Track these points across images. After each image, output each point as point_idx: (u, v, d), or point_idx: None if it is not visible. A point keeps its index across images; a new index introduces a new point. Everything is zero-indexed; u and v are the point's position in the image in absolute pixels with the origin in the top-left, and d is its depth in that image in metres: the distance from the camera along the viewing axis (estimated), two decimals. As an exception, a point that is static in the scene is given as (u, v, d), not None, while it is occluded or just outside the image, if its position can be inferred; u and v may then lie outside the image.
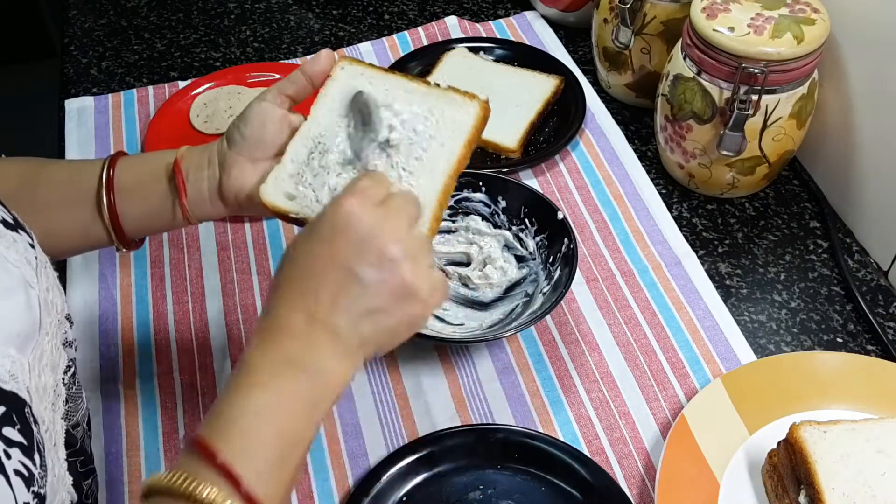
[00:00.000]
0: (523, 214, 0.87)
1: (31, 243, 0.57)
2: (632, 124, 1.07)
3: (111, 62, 1.17)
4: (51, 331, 0.56)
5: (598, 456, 0.75)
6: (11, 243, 0.55)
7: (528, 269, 0.86)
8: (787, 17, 0.85)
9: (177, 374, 0.81)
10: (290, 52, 1.19)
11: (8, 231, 0.55)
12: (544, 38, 1.18)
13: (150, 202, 0.68)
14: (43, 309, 0.55)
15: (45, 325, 0.55)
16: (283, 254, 0.54)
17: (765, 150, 0.91)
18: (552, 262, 0.84)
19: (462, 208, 0.89)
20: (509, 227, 0.88)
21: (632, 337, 0.84)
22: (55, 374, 0.57)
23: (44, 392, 0.54)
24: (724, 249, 0.93)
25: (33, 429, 0.49)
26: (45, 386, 0.54)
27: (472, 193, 0.89)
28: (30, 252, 0.56)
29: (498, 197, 0.88)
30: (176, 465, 0.48)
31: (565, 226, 0.83)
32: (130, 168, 0.68)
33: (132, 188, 0.67)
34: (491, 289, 0.86)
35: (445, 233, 0.89)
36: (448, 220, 0.89)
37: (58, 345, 0.58)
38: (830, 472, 0.65)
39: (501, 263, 0.87)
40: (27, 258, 0.55)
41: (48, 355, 0.55)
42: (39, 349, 0.54)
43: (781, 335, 0.85)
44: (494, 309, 0.85)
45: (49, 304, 0.57)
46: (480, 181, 0.88)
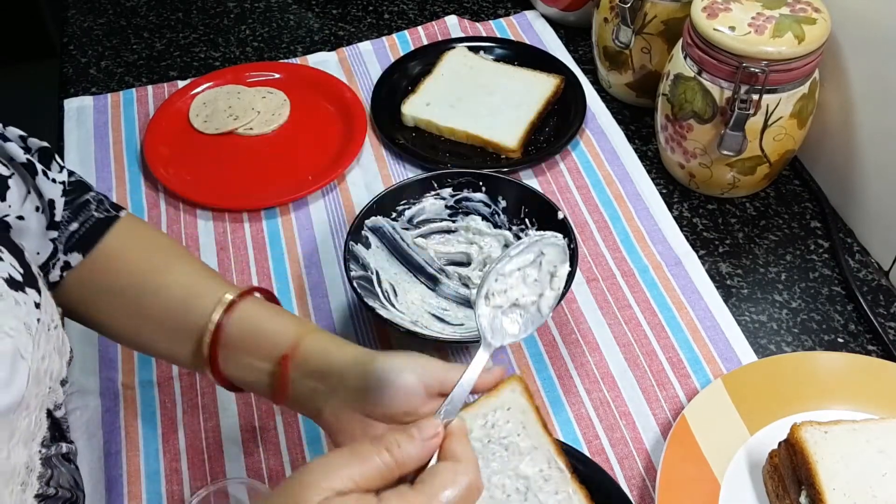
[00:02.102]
0: (523, 214, 0.87)
1: (37, 302, 0.53)
2: (632, 124, 1.07)
3: (110, 62, 1.17)
4: (34, 402, 0.52)
5: (598, 456, 0.75)
6: (12, 307, 0.50)
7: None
8: (787, 16, 0.85)
9: (176, 374, 0.81)
10: (290, 51, 1.18)
11: (12, 291, 0.51)
12: (544, 38, 1.18)
13: (251, 375, 0.63)
14: (32, 382, 0.51)
15: (28, 399, 0.51)
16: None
17: (765, 149, 0.90)
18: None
19: (462, 208, 0.89)
20: (509, 227, 0.88)
21: (632, 337, 0.84)
22: (29, 449, 0.52)
23: (12, 474, 0.49)
24: (725, 249, 0.93)
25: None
26: (15, 466, 0.50)
27: (472, 193, 0.88)
28: (32, 315, 0.52)
29: (498, 197, 0.88)
30: None
31: (566, 226, 0.83)
32: (239, 329, 0.62)
33: (236, 357, 0.63)
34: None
35: (445, 233, 0.89)
36: (448, 219, 0.89)
37: (40, 416, 0.54)
38: (831, 472, 0.65)
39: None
40: (27, 323, 0.51)
41: (23, 431, 0.51)
42: (10, 427, 0.49)
43: (782, 335, 0.84)
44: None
45: (41, 374, 0.53)
46: (480, 181, 0.88)
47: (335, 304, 0.87)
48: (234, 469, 0.75)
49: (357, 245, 0.82)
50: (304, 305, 0.87)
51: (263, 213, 0.96)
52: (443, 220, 0.89)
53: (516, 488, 0.66)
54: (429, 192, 0.87)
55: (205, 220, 0.95)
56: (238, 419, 0.78)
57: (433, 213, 0.88)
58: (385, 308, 0.80)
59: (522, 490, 0.66)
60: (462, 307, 0.85)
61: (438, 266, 0.87)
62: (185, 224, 0.95)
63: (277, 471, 0.74)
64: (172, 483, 0.74)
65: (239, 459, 0.75)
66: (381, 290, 0.83)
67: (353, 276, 0.79)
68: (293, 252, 0.92)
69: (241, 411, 0.78)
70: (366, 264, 0.83)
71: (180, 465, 0.75)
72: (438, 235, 0.89)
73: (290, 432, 0.77)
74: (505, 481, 0.65)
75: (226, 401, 0.79)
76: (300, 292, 0.88)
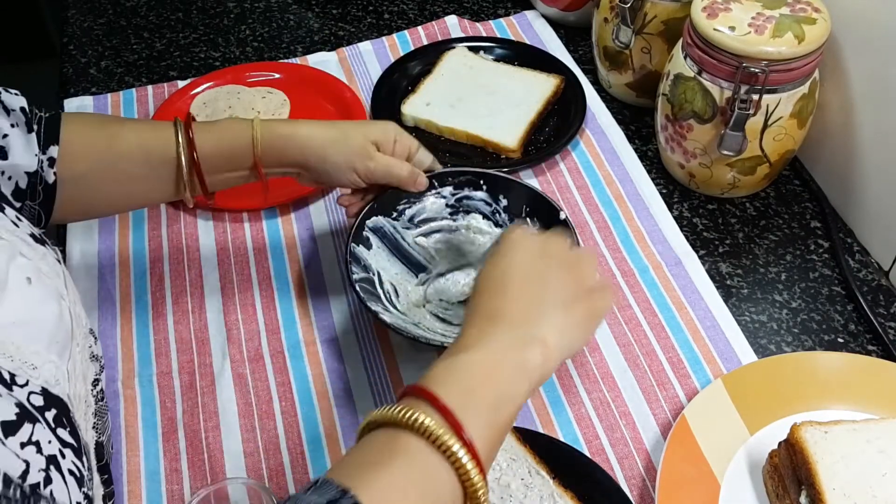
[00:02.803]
0: (525, 213, 0.86)
1: (57, 258, 0.59)
2: (632, 124, 1.07)
3: (110, 62, 1.17)
4: (81, 342, 0.58)
5: (598, 456, 0.75)
6: (43, 256, 0.57)
7: None
8: (787, 16, 0.85)
9: (176, 374, 0.81)
10: (290, 51, 1.18)
11: (40, 245, 0.57)
12: (544, 38, 1.18)
13: (229, 171, 0.77)
14: (74, 320, 0.57)
15: (77, 335, 0.57)
16: (478, 274, 0.62)
17: (765, 149, 0.90)
18: None
19: (463, 207, 0.88)
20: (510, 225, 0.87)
21: (632, 337, 0.84)
22: (86, 385, 0.58)
23: (78, 401, 0.55)
24: (725, 249, 0.93)
25: (79, 433, 0.51)
26: (79, 395, 0.56)
27: (472, 192, 0.88)
28: (58, 266, 0.58)
29: (499, 196, 0.87)
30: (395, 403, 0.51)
31: (567, 226, 0.82)
32: (206, 141, 0.74)
33: (211, 159, 0.75)
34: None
35: (446, 231, 0.88)
36: (448, 218, 0.88)
37: (86, 357, 0.60)
38: (831, 472, 0.65)
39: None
40: (57, 271, 0.57)
41: (80, 365, 0.57)
42: (73, 359, 0.55)
43: (782, 335, 0.84)
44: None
45: (78, 317, 0.58)
46: (481, 179, 0.88)
47: (335, 305, 0.87)
48: (234, 469, 0.75)
49: (358, 247, 0.82)
50: (304, 305, 0.87)
51: (263, 213, 0.96)
52: (443, 219, 0.88)
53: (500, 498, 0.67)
54: (429, 191, 0.87)
55: (205, 220, 0.95)
56: (238, 419, 0.78)
57: (434, 212, 0.88)
58: (388, 311, 0.80)
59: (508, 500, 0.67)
60: (463, 306, 0.84)
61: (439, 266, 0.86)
62: (185, 224, 0.95)
63: (277, 471, 0.74)
64: (172, 483, 0.74)
65: (239, 459, 0.75)
66: (382, 291, 0.82)
67: (356, 278, 0.79)
68: (293, 252, 0.92)
69: (241, 411, 0.78)
70: (367, 265, 0.83)
71: (180, 465, 0.75)
72: (439, 234, 0.88)
73: (290, 432, 0.77)
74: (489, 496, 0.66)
75: (226, 401, 0.79)
76: (300, 292, 0.88)
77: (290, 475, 0.74)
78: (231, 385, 0.80)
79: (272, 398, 0.79)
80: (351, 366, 0.82)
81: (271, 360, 0.82)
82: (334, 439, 0.76)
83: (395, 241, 0.86)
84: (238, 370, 0.81)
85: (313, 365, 0.82)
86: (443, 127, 1.03)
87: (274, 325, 0.85)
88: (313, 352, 0.83)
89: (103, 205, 0.78)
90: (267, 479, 0.74)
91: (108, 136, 0.73)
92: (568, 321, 0.58)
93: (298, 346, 0.84)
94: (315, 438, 0.77)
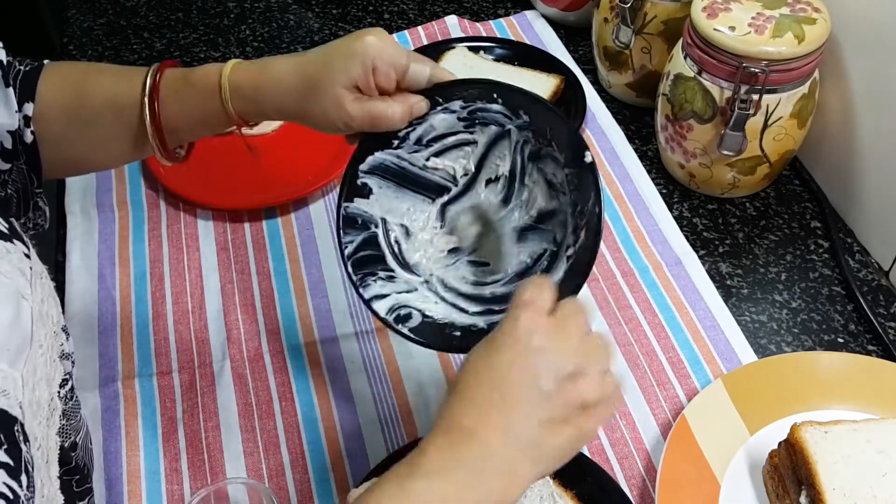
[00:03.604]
0: (550, 137, 0.69)
1: (26, 253, 0.56)
2: (632, 124, 1.07)
3: (110, 62, 1.17)
4: (45, 343, 0.55)
5: (598, 456, 0.75)
6: (4, 254, 0.53)
7: (558, 202, 0.70)
8: (787, 16, 0.85)
9: (176, 373, 0.81)
10: (290, 51, 1.18)
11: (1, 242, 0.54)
12: (544, 38, 1.18)
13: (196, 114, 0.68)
14: (37, 321, 0.54)
15: (39, 337, 0.54)
16: (464, 363, 0.54)
17: (765, 149, 0.90)
18: (580, 212, 0.66)
19: (479, 118, 0.71)
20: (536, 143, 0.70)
21: (632, 337, 0.84)
22: (50, 388, 0.55)
23: (38, 407, 0.52)
24: (725, 249, 0.93)
25: (22, 448, 0.47)
26: (40, 400, 0.53)
27: (487, 104, 0.70)
28: (24, 263, 0.55)
29: (519, 111, 0.69)
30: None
31: (594, 173, 0.65)
32: (175, 81, 0.67)
33: (177, 99, 0.67)
34: (518, 213, 0.72)
35: (464, 145, 0.72)
36: (465, 131, 0.71)
37: (53, 357, 0.57)
38: (831, 472, 0.65)
39: (528, 180, 0.72)
40: (21, 269, 0.54)
41: (42, 368, 0.54)
42: (32, 363, 0.52)
43: (782, 335, 0.84)
44: (524, 244, 0.71)
45: (44, 316, 0.55)
46: (495, 93, 0.69)
47: (335, 305, 0.87)
48: (234, 469, 0.75)
49: (353, 202, 0.70)
50: (304, 305, 0.87)
51: (263, 213, 0.96)
52: (458, 133, 0.71)
53: None
54: (435, 107, 0.69)
55: (205, 220, 0.95)
56: (238, 419, 0.78)
57: (445, 128, 0.71)
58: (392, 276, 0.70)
59: None
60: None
61: (463, 180, 0.73)
62: (185, 224, 0.95)
63: (277, 471, 0.74)
64: (172, 483, 0.74)
65: (239, 459, 0.75)
66: (388, 243, 0.72)
67: (348, 252, 0.69)
68: (293, 252, 0.92)
69: (241, 411, 0.78)
70: (367, 219, 0.71)
71: (180, 465, 0.75)
72: (456, 151, 0.72)
73: (290, 432, 0.77)
74: None
75: (226, 401, 0.79)
76: (300, 292, 0.88)
77: (290, 475, 0.74)
78: (231, 385, 0.80)
79: (272, 398, 0.79)
80: (351, 366, 0.82)
81: (271, 360, 0.82)
82: (334, 440, 0.76)
83: (401, 171, 0.71)
84: (238, 370, 0.81)
85: (313, 365, 0.82)
86: (443, 127, 1.03)
87: (274, 325, 0.85)
88: (313, 352, 0.83)
89: (89, 164, 0.74)
90: (267, 479, 0.74)
91: (79, 94, 0.67)
92: (548, 448, 0.52)
93: (298, 346, 0.84)
94: (315, 438, 0.77)
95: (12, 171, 0.66)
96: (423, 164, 0.72)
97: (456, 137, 0.72)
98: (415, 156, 0.71)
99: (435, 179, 0.73)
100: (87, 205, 0.96)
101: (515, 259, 0.71)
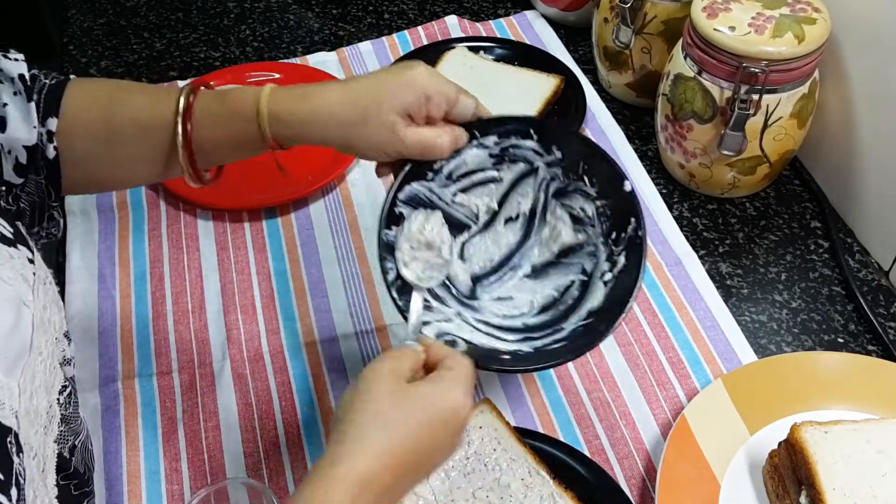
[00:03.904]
0: (582, 172, 0.71)
1: (30, 258, 0.56)
2: (632, 124, 1.07)
3: (110, 62, 1.17)
4: (45, 350, 0.54)
5: (598, 456, 0.75)
6: (7, 259, 0.53)
7: (586, 235, 0.72)
8: (787, 16, 0.85)
9: (176, 374, 0.81)
10: (290, 51, 1.18)
11: (4, 247, 0.54)
12: (544, 38, 1.18)
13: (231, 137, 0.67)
14: (37, 328, 0.53)
15: (39, 344, 0.53)
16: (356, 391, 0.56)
17: (765, 149, 0.90)
18: (615, 240, 0.69)
19: (509, 156, 0.72)
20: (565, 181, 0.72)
21: (632, 337, 0.84)
22: (49, 396, 0.55)
23: (35, 415, 0.52)
24: (725, 249, 0.93)
25: (14, 460, 0.47)
26: (38, 408, 0.52)
27: (520, 140, 0.71)
28: (27, 268, 0.54)
29: (552, 147, 0.71)
30: None
31: (632, 200, 0.68)
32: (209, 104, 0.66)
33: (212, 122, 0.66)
34: (539, 249, 0.74)
35: (490, 182, 0.73)
36: (492, 168, 0.73)
37: (54, 364, 0.56)
38: (831, 472, 0.65)
39: (551, 217, 0.74)
40: (24, 275, 0.54)
41: (41, 376, 0.53)
42: (31, 370, 0.52)
43: (782, 335, 0.84)
44: (547, 279, 0.73)
45: (46, 323, 0.55)
46: (531, 128, 0.71)
47: (335, 304, 0.87)
48: (234, 469, 0.75)
49: (391, 231, 0.69)
50: (304, 305, 0.87)
51: (263, 213, 0.96)
52: (486, 170, 0.73)
53: (500, 498, 0.66)
54: (471, 141, 0.71)
55: (205, 220, 0.95)
56: (238, 419, 0.78)
57: (476, 164, 0.72)
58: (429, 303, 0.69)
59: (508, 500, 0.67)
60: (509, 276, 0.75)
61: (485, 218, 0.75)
62: (185, 224, 0.95)
63: (277, 471, 0.74)
64: (172, 483, 0.74)
65: (239, 459, 0.75)
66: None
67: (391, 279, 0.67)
68: (293, 252, 0.92)
69: (241, 411, 0.78)
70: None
71: (180, 465, 0.75)
72: (481, 188, 0.73)
73: (290, 432, 0.77)
74: (489, 494, 0.66)
75: (226, 401, 0.79)
76: (300, 292, 0.88)
77: (290, 475, 0.74)
78: (231, 385, 0.80)
79: (272, 398, 0.79)
80: (351, 366, 0.82)
81: (271, 360, 0.82)
82: (334, 439, 0.76)
83: (431, 204, 0.72)
84: (238, 370, 0.81)
85: (313, 365, 0.82)
86: (443, 127, 1.03)
87: (274, 325, 0.85)
88: (313, 352, 0.83)
89: (112, 182, 0.73)
90: (267, 479, 0.74)
91: (106, 112, 0.66)
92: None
93: (298, 346, 0.84)
94: (315, 439, 0.77)
95: (27, 184, 0.66)
96: (451, 200, 0.73)
97: (483, 174, 0.73)
98: (444, 190, 0.72)
99: (458, 216, 0.73)
100: (87, 205, 0.96)
101: (540, 294, 0.73)
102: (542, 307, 0.72)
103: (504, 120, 0.71)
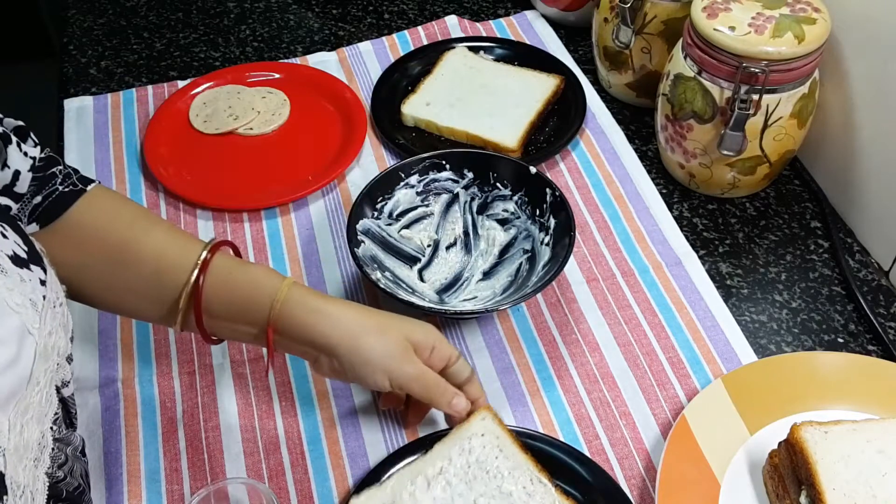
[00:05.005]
0: (493, 180, 0.89)
1: (42, 279, 0.54)
2: (632, 124, 1.07)
3: (110, 62, 1.17)
4: (44, 379, 0.53)
5: (598, 456, 0.75)
6: (17, 283, 0.52)
7: (516, 228, 0.89)
8: (787, 16, 0.85)
9: (176, 374, 0.81)
10: (290, 51, 1.18)
11: (16, 269, 0.52)
12: (544, 38, 1.18)
13: (236, 336, 0.71)
14: (39, 357, 0.52)
15: (38, 374, 0.52)
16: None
17: (766, 149, 0.90)
18: (540, 213, 0.86)
19: (433, 190, 0.90)
20: (482, 195, 0.90)
21: (632, 337, 0.84)
22: (42, 426, 0.53)
23: (25, 449, 0.50)
24: (725, 249, 0.93)
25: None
26: (28, 441, 0.51)
27: (437, 174, 0.90)
28: (38, 291, 0.53)
29: (463, 170, 0.90)
30: None
31: (541, 178, 0.86)
32: (219, 294, 0.68)
33: (220, 317, 0.69)
34: (482, 258, 0.88)
35: (424, 218, 0.90)
36: (422, 205, 0.90)
37: (50, 392, 0.55)
38: (831, 472, 0.65)
39: (482, 231, 0.89)
40: (33, 299, 0.52)
41: (36, 407, 0.52)
42: (25, 403, 0.50)
43: (782, 335, 0.84)
44: (498, 274, 0.87)
45: (49, 350, 0.54)
46: (443, 160, 0.89)
47: (335, 304, 0.87)
48: (234, 469, 0.75)
49: (358, 249, 0.83)
50: (304, 305, 0.87)
51: (263, 213, 0.96)
52: (417, 207, 0.90)
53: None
54: (398, 183, 0.88)
55: (205, 220, 0.95)
56: (238, 419, 0.78)
57: (407, 202, 0.90)
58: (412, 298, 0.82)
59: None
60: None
61: (429, 250, 0.89)
62: (185, 224, 0.95)
63: (277, 471, 0.74)
64: (172, 483, 0.74)
65: (239, 459, 0.75)
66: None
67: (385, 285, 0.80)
68: (293, 252, 0.92)
69: (241, 411, 0.78)
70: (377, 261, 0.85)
71: (180, 465, 0.75)
72: (420, 223, 0.90)
73: (290, 432, 0.77)
74: (490, 501, 0.67)
75: (226, 401, 0.79)
76: (300, 292, 0.88)
77: (290, 475, 0.74)
78: (231, 385, 0.80)
79: (272, 398, 0.79)
80: (351, 366, 0.82)
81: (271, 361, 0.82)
82: (334, 439, 0.76)
83: (383, 238, 0.87)
84: (238, 370, 0.81)
85: (313, 365, 0.82)
86: (443, 127, 1.03)
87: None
88: (313, 352, 0.83)
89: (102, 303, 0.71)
90: (267, 479, 0.74)
91: (123, 235, 0.67)
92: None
93: (298, 346, 0.84)
94: (315, 438, 0.77)
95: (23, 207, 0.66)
96: (399, 235, 0.88)
97: (416, 212, 0.90)
98: (390, 228, 0.88)
99: (407, 250, 0.88)
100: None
101: (498, 284, 0.86)
102: (504, 289, 0.85)
103: (421, 158, 0.88)
